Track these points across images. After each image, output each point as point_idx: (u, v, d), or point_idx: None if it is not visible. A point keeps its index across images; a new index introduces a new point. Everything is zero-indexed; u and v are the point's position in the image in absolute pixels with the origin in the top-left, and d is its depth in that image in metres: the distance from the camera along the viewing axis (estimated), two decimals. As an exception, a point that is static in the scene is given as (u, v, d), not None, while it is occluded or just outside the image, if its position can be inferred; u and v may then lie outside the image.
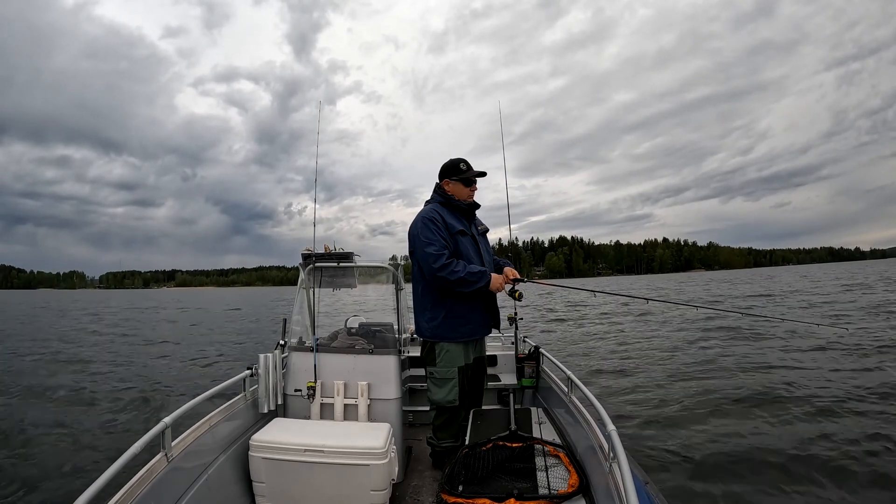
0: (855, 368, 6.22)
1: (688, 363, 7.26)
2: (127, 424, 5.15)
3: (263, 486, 2.19)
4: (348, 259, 2.87)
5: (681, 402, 5.28)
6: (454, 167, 2.74)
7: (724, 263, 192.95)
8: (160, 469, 1.74)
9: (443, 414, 2.69)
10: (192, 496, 1.87)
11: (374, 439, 2.21)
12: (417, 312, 2.77)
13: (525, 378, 3.26)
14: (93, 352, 10.83)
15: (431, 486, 2.57)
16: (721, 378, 6.22)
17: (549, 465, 2.00)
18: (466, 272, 2.52)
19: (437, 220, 2.61)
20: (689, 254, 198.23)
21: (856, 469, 3.46)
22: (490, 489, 1.84)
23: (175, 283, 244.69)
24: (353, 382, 2.66)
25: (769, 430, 4.30)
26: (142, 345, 12.08)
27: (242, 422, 2.46)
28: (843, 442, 3.90)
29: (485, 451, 2.12)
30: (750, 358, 7.25)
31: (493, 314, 2.83)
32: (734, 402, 5.14)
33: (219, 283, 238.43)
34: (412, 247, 2.67)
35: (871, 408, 4.66)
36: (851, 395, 5.10)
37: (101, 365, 8.96)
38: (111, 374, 8.00)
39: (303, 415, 2.67)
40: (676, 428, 4.48)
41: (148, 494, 1.62)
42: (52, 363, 9.20)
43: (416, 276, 2.74)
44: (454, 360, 2.65)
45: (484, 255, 2.79)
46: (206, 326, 17.20)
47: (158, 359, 9.69)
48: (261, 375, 2.57)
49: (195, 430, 2.06)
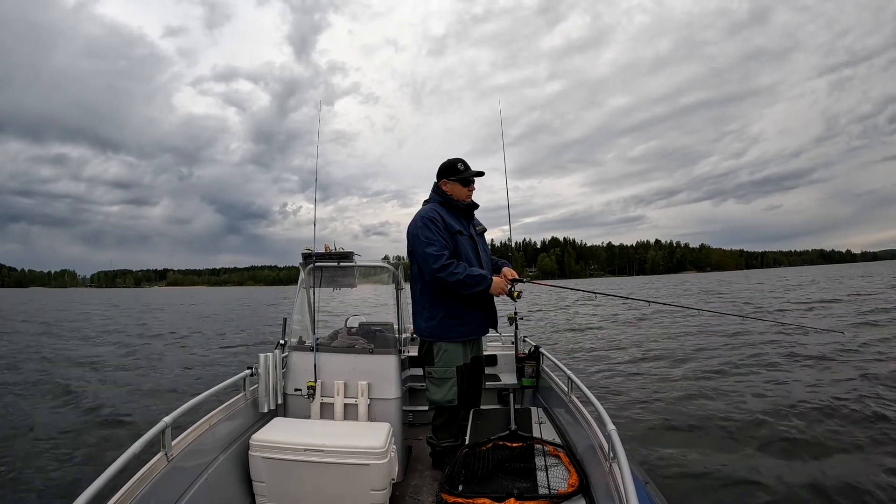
0: (852, 375, 6.24)
1: (688, 364, 7.32)
2: (127, 424, 5.11)
3: (263, 485, 2.18)
4: (349, 259, 2.87)
5: (681, 402, 5.32)
6: (452, 167, 2.73)
7: (716, 265, 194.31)
8: (160, 469, 1.73)
9: (442, 414, 2.70)
10: (192, 496, 1.87)
11: (374, 439, 2.20)
12: (415, 312, 2.77)
13: (525, 378, 3.26)
14: (92, 352, 10.73)
15: (431, 486, 2.58)
16: (721, 378, 6.27)
17: (549, 464, 2.01)
18: (466, 275, 2.51)
19: (436, 220, 2.60)
20: (681, 255, 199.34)
21: (856, 469, 3.51)
22: (490, 489, 1.84)
23: (167, 282, 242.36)
24: (353, 382, 2.66)
25: (769, 430, 4.33)
26: (142, 344, 11.99)
27: (242, 421, 2.45)
28: (842, 441, 3.96)
29: (485, 451, 2.12)
30: (750, 359, 7.31)
31: (491, 314, 2.84)
32: (734, 402, 5.19)
33: (211, 283, 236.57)
34: (411, 246, 2.67)
35: (872, 410, 4.69)
36: (851, 395, 5.16)
37: (101, 365, 8.90)
38: (111, 374, 7.94)
39: (303, 414, 2.66)
40: (677, 428, 4.52)
41: (148, 494, 1.62)
42: (52, 363, 9.11)
43: (414, 275, 2.73)
44: (452, 360, 2.65)
45: (482, 255, 2.80)
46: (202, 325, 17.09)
47: (159, 358, 9.64)
48: (261, 375, 2.57)
49: (195, 430, 2.05)
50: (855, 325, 10.18)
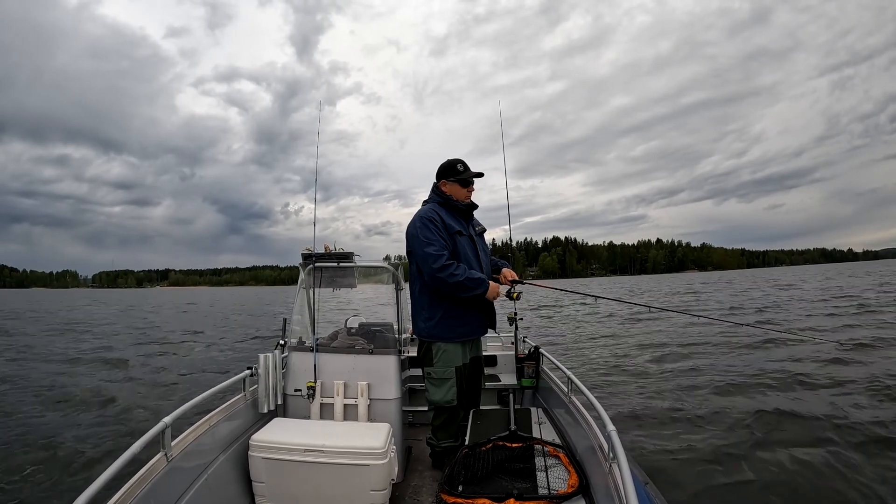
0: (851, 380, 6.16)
1: (688, 364, 7.29)
2: (127, 424, 5.11)
3: (263, 485, 2.18)
4: (348, 259, 2.87)
5: (681, 402, 5.31)
6: (451, 168, 2.74)
7: (718, 264, 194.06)
8: (160, 469, 1.73)
9: (441, 414, 2.70)
10: (192, 496, 1.87)
11: (373, 439, 2.20)
12: (415, 312, 2.78)
13: (525, 378, 3.25)
14: (91, 351, 10.73)
15: (431, 486, 2.58)
16: (721, 379, 6.25)
17: (548, 465, 2.01)
18: (466, 277, 2.51)
19: (436, 220, 2.61)
20: (683, 255, 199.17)
21: (856, 469, 3.49)
22: (490, 489, 1.84)
23: (168, 282, 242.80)
24: (353, 382, 2.66)
25: (770, 431, 4.32)
26: (140, 344, 12.00)
27: (242, 422, 2.45)
28: (842, 441, 3.94)
29: (485, 452, 2.12)
30: (750, 361, 7.28)
31: (490, 315, 2.84)
32: (734, 402, 5.18)
33: (212, 283, 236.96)
34: (410, 246, 2.67)
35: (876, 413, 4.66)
36: (852, 395, 5.14)
37: (100, 364, 8.90)
38: (110, 375, 7.94)
39: (303, 415, 2.66)
40: (677, 428, 4.50)
41: (148, 494, 1.62)
42: (51, 363, 9.11)
43: (413, 275, 2.74)
44: (451, 360, 2.65)
45: (481, 255, 2.80)
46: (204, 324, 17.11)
47: (158, 358, 9.63)
48: (261, 375, 2.57)
49: (195, 430, 2.05)
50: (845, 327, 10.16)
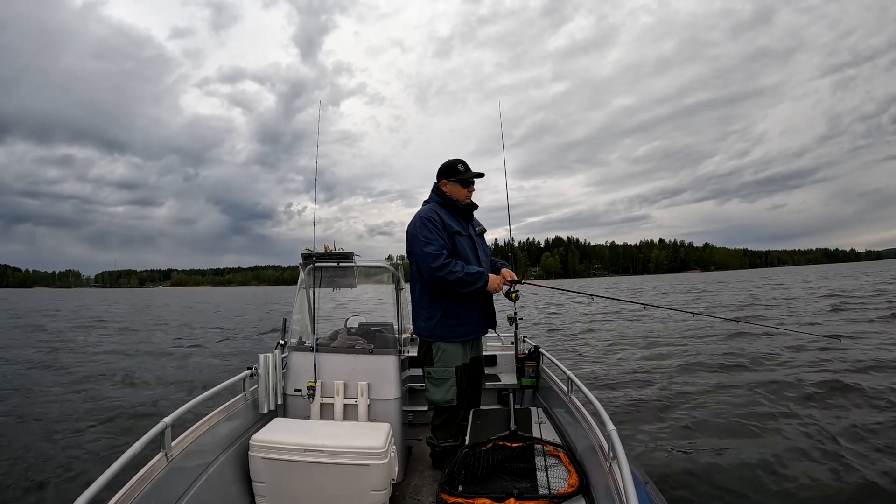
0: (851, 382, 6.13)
1: (688, 364, 7.27)
2: (127, 424, 5.11)
3: (263, 485, 2.18)
4: (348, 259, 2.87)
5: (681, 402, 5.29)
6: (452, 168, 2.74)
7: (720, 264, 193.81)
8: (160, 469, 1.73)
9: (441, 414, 2.70)
10: (192, 496, 1.87)
11: (373, 439, 2.20)
12: (415, 312, 2.78)
13: (525, 378, 3.25)
14: (90, 351, 10.76)
15: (431, 486, 2.57)
16: (721, 379, 6.23)
17: (548, 464, 2.00)
18: (465, 273, 2.53)
19: (435, 220, 2.61)
20: (685, 255, 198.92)
21: (856, 469, 3.48)
22: (490, 489, 1.84)
23: (171, 282, 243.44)
24: (353, 382, 2.66)
25: (769, 431, 4.30)
26: (141, 343, 12.02)
27: (242, 422, 2.46)
28: (842, 444, 3.92)
29: (485, 451, 2.12)
30: (750, 361, 7.25)
31: (490, 314, 2.85)
32: (734, 402, 5.16)
33: (214, 283, 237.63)
34: (410, 246, 2.68)
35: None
36: (854, 396, 5.11)
37: (100, 364, 8.90)
38: (110, 374, 7.95)
39: (303, 415, 2.66)
40: (677, 428, 4.49)
41: (148, 494, 1.62)
42: (50, 362, 9.13)
43: (413, 275, 2.74)
44: (451, 360, 2.65)
45: (481, 255, 2.80)
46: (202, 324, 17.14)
47: (159, 357, 9.65)
48: (261, 375, 2.57)
49: (195, 430, 2.05)
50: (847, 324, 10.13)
